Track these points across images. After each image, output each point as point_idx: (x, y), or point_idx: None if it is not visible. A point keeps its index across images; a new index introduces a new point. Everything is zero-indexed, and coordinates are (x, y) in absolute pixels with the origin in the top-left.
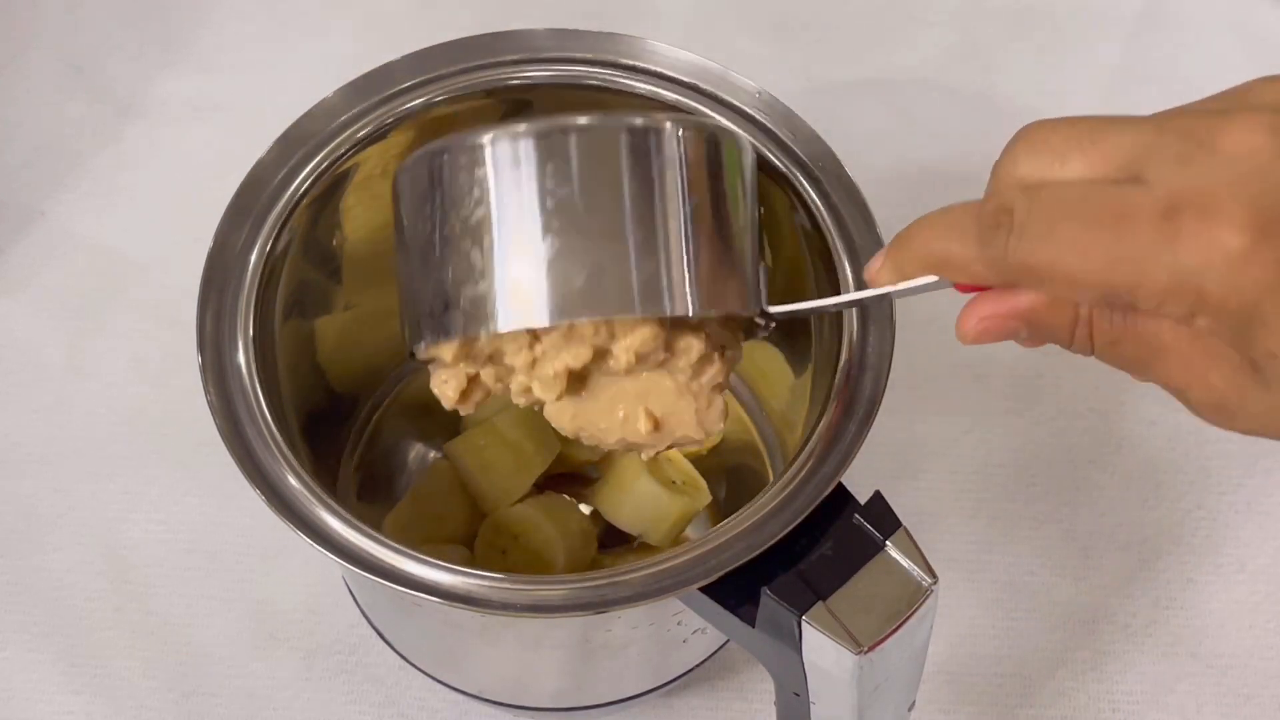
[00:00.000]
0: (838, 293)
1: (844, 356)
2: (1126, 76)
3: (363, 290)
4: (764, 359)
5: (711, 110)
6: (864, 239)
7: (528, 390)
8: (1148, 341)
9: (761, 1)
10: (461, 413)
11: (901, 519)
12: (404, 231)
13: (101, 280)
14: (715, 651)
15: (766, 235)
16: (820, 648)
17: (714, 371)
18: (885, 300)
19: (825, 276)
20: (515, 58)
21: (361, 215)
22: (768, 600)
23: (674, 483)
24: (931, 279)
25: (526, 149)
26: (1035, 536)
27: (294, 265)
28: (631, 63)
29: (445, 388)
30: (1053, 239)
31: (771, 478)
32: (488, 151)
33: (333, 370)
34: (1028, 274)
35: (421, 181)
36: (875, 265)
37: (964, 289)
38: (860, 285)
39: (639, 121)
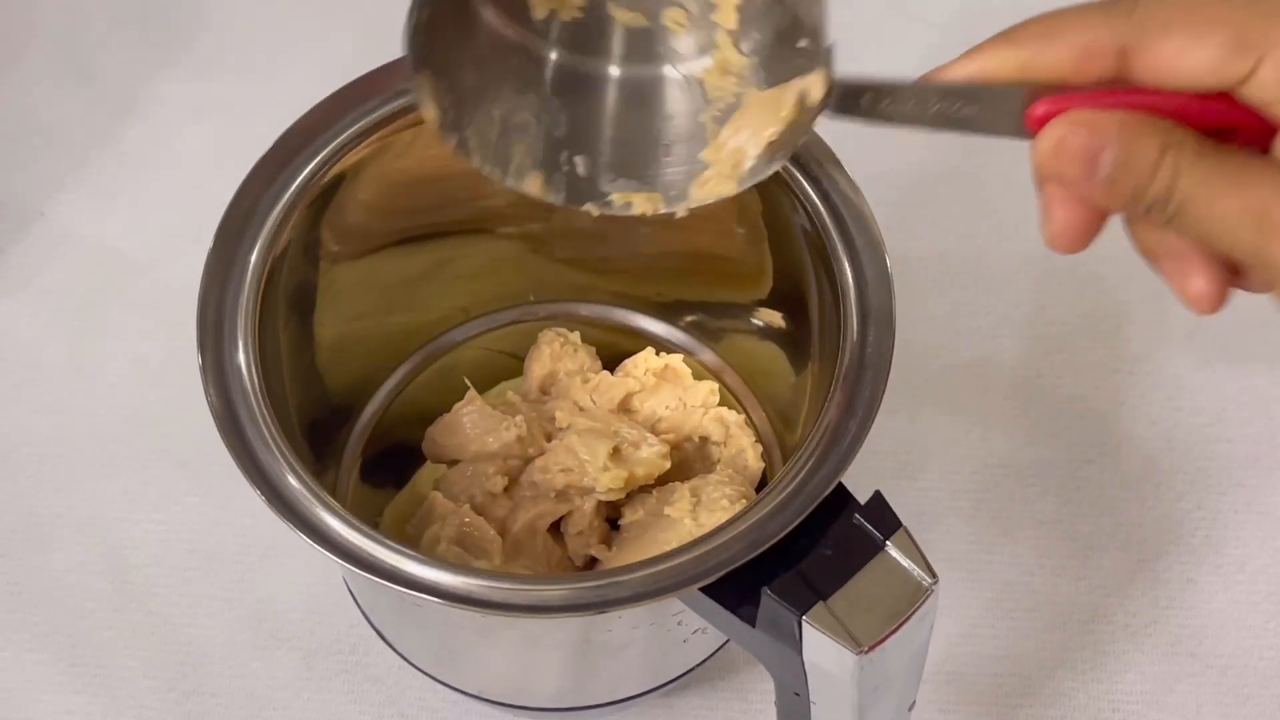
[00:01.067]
0: (836, 294)
1: (844, 355)
2: None
3: (365, 290)
4: (764, 358)
5: None
6: (863, 239)
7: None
8: None
9: None
10: None
11: (901, 519)
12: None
13: (101, 280)
14: (715, 652)
15: (767, 235)
16: (820, 648)
17: None
18: (887, 298)
19: (825, 278)
20: None
21: (362, 215)
22: (768, 600)
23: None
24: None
25: None
26: (1035, 536)
27: (294, 265)
28: None
29: None
30: (1210, 227)
31: (771, 478)
32: None
33: (333, 369)
34: (1171, 229)
35: None
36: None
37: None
38: (861, 290)
39: None
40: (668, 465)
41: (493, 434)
